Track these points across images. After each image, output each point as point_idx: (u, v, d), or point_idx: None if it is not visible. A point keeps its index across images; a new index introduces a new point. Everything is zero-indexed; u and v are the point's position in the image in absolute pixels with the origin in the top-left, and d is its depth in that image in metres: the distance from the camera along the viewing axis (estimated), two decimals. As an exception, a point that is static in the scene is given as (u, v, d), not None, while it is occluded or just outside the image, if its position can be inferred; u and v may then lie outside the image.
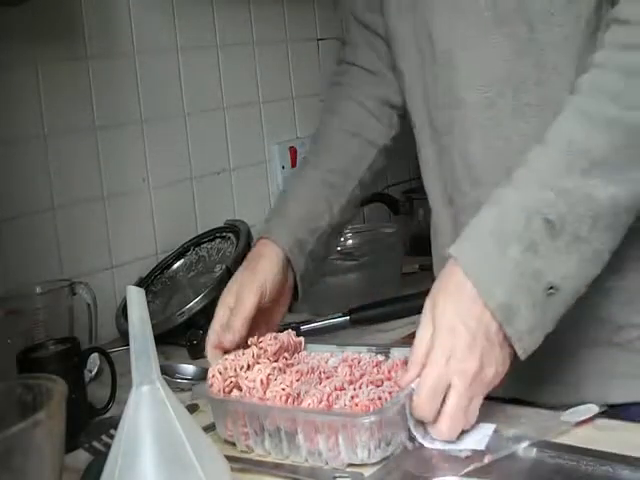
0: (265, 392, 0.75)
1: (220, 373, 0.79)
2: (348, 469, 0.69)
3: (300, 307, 1.07)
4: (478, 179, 0.82)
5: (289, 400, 0.73)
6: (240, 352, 0.82)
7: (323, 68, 1.69)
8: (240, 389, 0.77)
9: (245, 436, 0.75)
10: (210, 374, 0.80)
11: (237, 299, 0.89)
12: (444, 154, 0.85)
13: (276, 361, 0.81)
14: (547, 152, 0.70)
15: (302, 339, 0.87)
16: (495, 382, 0.70)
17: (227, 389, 0.78)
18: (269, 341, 0.84)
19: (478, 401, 0.69)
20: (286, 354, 0.84)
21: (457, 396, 0.68)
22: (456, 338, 0.68)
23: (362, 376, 0.76)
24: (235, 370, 0.79)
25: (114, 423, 0.66)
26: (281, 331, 0.87)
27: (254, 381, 0.76)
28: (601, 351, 0.80)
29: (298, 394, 0.74)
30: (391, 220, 1.72)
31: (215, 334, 0.88)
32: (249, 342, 0.85)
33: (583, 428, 0.70)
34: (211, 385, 0.79)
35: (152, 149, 1.36)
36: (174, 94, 1.41)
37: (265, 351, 0.82)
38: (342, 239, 1.45)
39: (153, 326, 0.60)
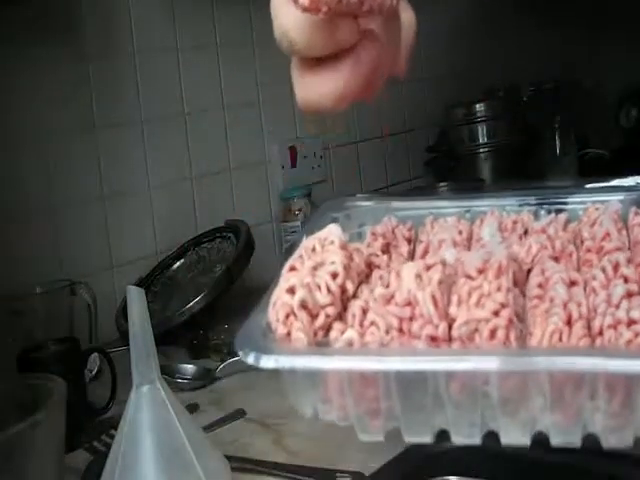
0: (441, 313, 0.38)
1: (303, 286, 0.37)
2: (348, 469, 0.69)
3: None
4: None
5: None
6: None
7: (323, 68, 1.68)
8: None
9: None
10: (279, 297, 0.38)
11: None
12: None
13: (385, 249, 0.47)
14: None
15: None
16: None
17: (320, 328, 0.40)
18: None
19: None
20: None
21: None
22: None
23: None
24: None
25: (114, 423, 0.66)
26: None
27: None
28: None
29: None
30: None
31: None
32: None
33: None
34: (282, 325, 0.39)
35: (152, 149, 1.36)
36: (174, 94, 1.40)
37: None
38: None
39: (153, 326, 0.60)
